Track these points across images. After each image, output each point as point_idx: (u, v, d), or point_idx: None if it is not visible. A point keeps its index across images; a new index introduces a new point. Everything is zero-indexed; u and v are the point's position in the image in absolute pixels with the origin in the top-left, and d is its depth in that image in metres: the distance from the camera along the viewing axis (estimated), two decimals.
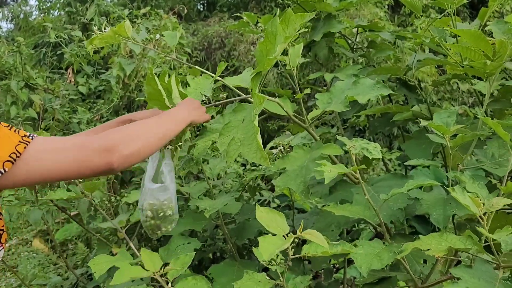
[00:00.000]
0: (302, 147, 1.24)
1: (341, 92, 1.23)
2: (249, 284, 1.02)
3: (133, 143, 0.87)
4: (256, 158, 1.01)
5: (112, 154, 0.83)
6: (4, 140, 0.76)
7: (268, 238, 0.88)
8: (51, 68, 3.26)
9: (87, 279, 2.68)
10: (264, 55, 1.06)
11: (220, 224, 1.67)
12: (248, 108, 1.15)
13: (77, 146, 0.82)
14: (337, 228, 1.24)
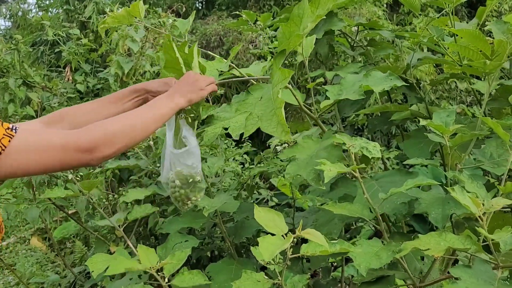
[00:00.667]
0: (311, 137, 1.25)
1: (351, 84, 1.25)
2: (247, 284, 1.02)
3: (114, 143, 0.89)
4: (277, 132, 1.02)
5: (93, 155, 0.86)
6: None
7: (268, 239, 0.87)
8: (49, 66, 3.24)
9: (85, 278, 2.67)
10: (287, 37, 1.08)
11: (218, 222, 1.67)
12: (265, 87, 1.16)
13: (60, 145, 0.84)
14: (340, 221, 1.24)
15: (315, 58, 1.91)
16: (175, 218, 1.62)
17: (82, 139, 0.85)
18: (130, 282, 1.48)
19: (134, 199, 1.69)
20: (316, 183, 1.11)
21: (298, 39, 1.07)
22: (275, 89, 1.06)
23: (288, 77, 1.02)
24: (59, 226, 3.53)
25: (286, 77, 1.02)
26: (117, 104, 1.15)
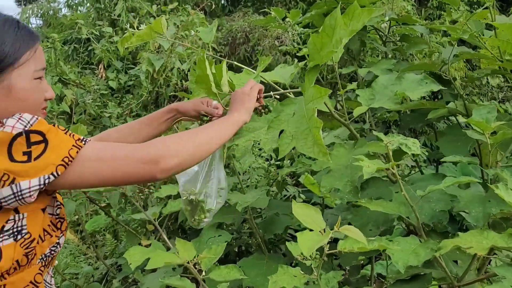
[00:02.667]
0: (343, 145, 1.24)
1: (383, 87, 1.22)
2: (283, 278, 1.03)
3: (178, 155, 0.89)
4: (314, 153, 0.99)
5: (157, 166, 0.86)
6: (61, 145, 0.80)
7: (307, 234, 0.88)
8: (83, 63, 3.33)
9: (116, 270, 2.74)
10: (319, 48, 1.06)
11: (249, 218, 1.69)
12: (297, 102, 1.14)
13: (124, 157, 0.85)
14: (375, 227, 1.23)
15: (346, 54, 1.89)
16: None
17: (147, 151, 0.86)
18: (165, 274, 1.52)
19: (167, 194, 1.73)
20: (353, 196, 1.10)
21: (330, 54, 1.04)
22: (309, 106, 1.03)
23: (324, 95, 1.00)
24: (90, 219, 3.63)
25: (322, 96, 1.00)
26: (152, 125, 1.22)
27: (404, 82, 1.19)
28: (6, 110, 0.85)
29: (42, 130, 0.79)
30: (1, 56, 0.83)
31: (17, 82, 0.86)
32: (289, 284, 1.00)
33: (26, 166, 0.76)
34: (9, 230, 0.80)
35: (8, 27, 0.86)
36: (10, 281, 0.82)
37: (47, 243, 0.87)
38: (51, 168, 0.78)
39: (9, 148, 0.76)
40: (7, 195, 0.77)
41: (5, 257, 0.79)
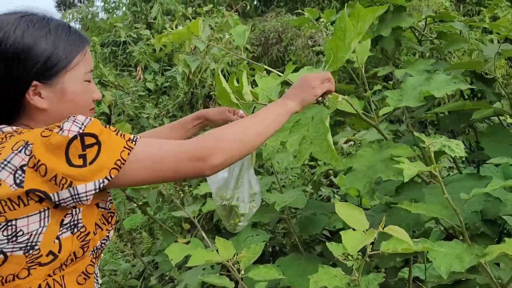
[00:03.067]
0: (371, 146, 1.24)
1: (412, 88, 1.22)
2: (324, 278, 1.03)
3: (225, 150, 0.90)
4: (327, 158, 1.01)
5: (205, 163, 0.87)
6: (113, 146, 0.83)
7: (351, 233, 0.88)
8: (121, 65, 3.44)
9: (153, 267, 2.81)
10: (334, 52, 1.07)
11: (286, 218, 1.69)
12: (317, 107, 1.14)
13: (173, 155, 0.87)
14: (407, 229, 1.21)
15: (380, 54, 1.86)
16: None
17: (196, 148, 0.88)
18: (203, 272, 1.54)
19: (207, 192, 1.75)
20: (370, 197, 1.10)
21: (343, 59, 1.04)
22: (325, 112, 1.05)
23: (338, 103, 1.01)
24: (126, 217, 3.73)
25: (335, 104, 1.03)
26: (180, 132, 1.25)
27: (432, 83, 1.18)
28: (60, 113, 0.90)
29: (95, 132, 0.82)
30: (54, 60, 0.87)
31: (69, 85, 0.90)
32: (331, 284, 1.00)
33: (82, 170, 0.80)
34: (67, 224, 0.84)
35: (60, 31, 0.89)
36: (67, 272, 0.86)
37: (99, 236, 0.90)
38: (105, 172, 0.81)
39: (66, 152, 0.79)
40: (66, 197, 0.80)
41: (64, 249, 0.83)
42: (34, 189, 0.79)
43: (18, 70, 0.85)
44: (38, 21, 0.88)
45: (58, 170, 0.78)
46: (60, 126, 0.81)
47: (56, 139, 0.79)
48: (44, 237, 0.82)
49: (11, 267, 0.82)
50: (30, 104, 0.88)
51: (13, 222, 0.81)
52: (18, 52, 0.84)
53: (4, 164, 0.80)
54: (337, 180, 2.33)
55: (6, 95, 0.87)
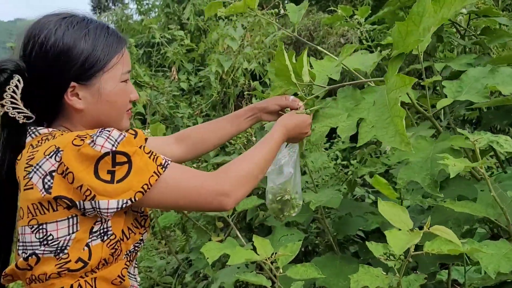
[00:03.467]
0: (425, 138, 1.19)
1: (474, 80, 1.16)
2: (365, 278, 1.01)
3: (245, 185, 0.95)
4: (395, 143, 0.97)
5: (228, 199, 0.91)
6: (144, 169, 0.83)
7: (396, 233, 0.86)
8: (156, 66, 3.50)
9: (187, 264, 2.84)
10: (403, 36, 1.04)
11: (321, 217, 1.67)
12: (378, 91, 1.12)
13: (199, 188, 0.89)
14: (455, 225, 1.17)
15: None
16: None
17: (219, 184, 0.90)
18: (238, 271, 1.55)
19: None
20: (432, 190, 1.06)
21: (416, 43, 1.01)
22: (391, 96, 1.01)
23: (409, 84, 0.97)
24: (160, 215, 3.80)
25: (406, 85, 0.97)
26: (233, 123, 1.25)
27: (498, 75, 1.12)
28: (96, 113, 0.91)
29: (128, 152, 0.81)
30: (93, 61, 0.88)
31: (106, 85, 0.90)
32: (372, 284, 0.98)
33: (107, 186, 0.80)
34: (97, 231, 0.84)
35: (99, 32, 0.90)
36: (99, 275, 0.86)
37: (131, 241, 0.90)
38: (130, 194, 0.81)
39: (96, 165, 0.79)
40: (88, 208, 0.81)
41: (94, 256, 0.84)
42: (61, 195, 0.79)
43: (57, 71, 0.86)
44: (78, 22, 0.89)
45: (84, 180, 0.79)
46: (93, 138, 0.81)
47: (87, 150, 0.79)
48: (73, 244, 0.82)
49: (43, 268, 0.83)
50: (68, 105, 0.89)
51: (43, 226, 0.82)
52: (58, 53, 0.85)
53: (36, 169, 0.81)
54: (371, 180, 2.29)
55: (45, 95, 0.88)
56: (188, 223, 3.21)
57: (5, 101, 0.84)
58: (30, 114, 0.87)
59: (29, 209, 0.82)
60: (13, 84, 0.84)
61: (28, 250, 0.83)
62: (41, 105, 0.89)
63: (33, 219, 0.82)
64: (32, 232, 0.83)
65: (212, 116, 2.91)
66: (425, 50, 1.80)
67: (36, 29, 0.87)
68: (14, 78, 0.84)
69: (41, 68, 0.86)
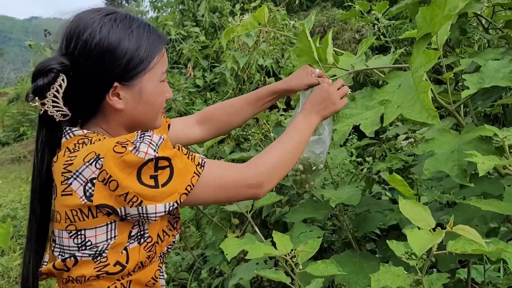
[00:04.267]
0: (449, 131, 1.18)
1: (495, 71, 1.16)
2: (386, 277, 0.99)
3: (276, 175, 0.98)
4: (423, 117, 1.00)
5: (260, 190, 0.95)
6: (184, 171, 0.84)
7: (417, 233, 0.84)
8: (171, 63, 3.51)
9: (202, 261, 2.86)
10: (428, 21, 1.05)
11: (340, 214, 1.66)
12: (403, 75, 1.15)
13: (235, 182, 0.92)
14: (482, 222, 1.15)
15: (445, 45, 1.78)
16: (297, 208, 1.65)
17: (253, 176, 0.94)
18: (257, 266, 1.55)
19: None
20: (461, 180, 1.04)
21: (445, 20, 1.02)
22: (417, 74, 1.04)
23: (434, 59, 0.99)
24: None
25: (432, 60, 0.99)
26: (255, 105, 1.25)
27: None
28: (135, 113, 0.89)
29: (169, 155, 0.82)
30: (137, 62, 0.85)
31: (147, 86, 0.88)
32: (394, 283, 0.96)
33: (154, 191, 0.80)
34: (134, 235, 0.84)
35: (142, 31, 0.87)
36: (134, 278, 0.87)
37: (165, 243, 0.91)
38: (175, 197, 0.82)
39: (139, 171, 0.79)
40: (133, 214, 0.81)
41: (131, 260, 0.84)
42: (102, 204, 0.79)
43: (101, 71, 0.84)
44: (121, 20, 0.86)
45: (130, 188, 0.78)
46: (135, 144, 0.80)
47: (130, 158, 0.78)
48: (112, 248, 0.83)
49: (81, 270, 0.83)
50: (108, 105, 0.87)
51: (82, 232, 0.81)
52: (103, 52, 0.83)
53: (76, 175, 0.80)
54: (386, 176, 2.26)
55: (87, 94, 0.86)
56: (202, 219, 3.22)
57: (47, 100, 0.83)
58: (67, 112, 0.85)
59: (67, 214, 0.82)
60: (57, 84, 0.83)
61: (66, 253, 0.84)
62: (80, 104, 0.87)
63: (71, 225, 0.82)
64: (70, 237, 0.83)
65: None
66: (449, 43, 1.77)
67: (80, 26, 0.84)
68: (59, 78, 0.83)
69: (85, 67, 0.84)
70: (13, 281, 3.25)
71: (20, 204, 5.06)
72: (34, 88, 0.83)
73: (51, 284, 2.87)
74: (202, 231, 3.31)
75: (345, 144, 3.72)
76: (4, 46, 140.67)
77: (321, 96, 1.14)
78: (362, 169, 2.73)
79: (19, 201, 5.22)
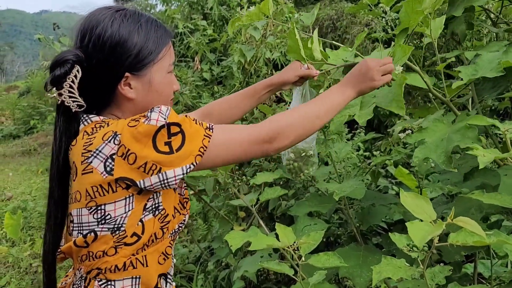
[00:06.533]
0: (442, 121, 1.19)
1: (488, 62, 1.17)
2: (388, 269, 1.00)
3: (292, 133, 0.97)
4: (392, 107, 1.06)
5: (272, 145, 0.95)
6: (195, 135, 0.87)
7: (417, 224, 0.85)
8: (179, 56, 3.52)
9: (208, 253, 2.88)
10: (409, 15, 1.10)
11: (344, 208, 1.67)
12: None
13: (247, 140, 0.94)
14: (478, 211, 1.16)
15: (451, 39, 1.77)
16: (302, 202, 1.66)
17: (264, 132, 0.95)
18: (261, 259, 1.56)
19: (263, 181, 1.77)
20: (447, 166, 1.06)
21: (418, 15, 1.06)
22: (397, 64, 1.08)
23: (408, 53, 1.02)
24: None
25: (406, 54, 1.03)
26: (253, 98, 1.28)
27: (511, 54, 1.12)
28: (145, 103, 0.95)
29: (179, 121, 0.86)
30: (145, 53, 0.92)
31: (156, 76, 0.95)
32: (395, 275, 0.97)
33: (170, 157, 0.84)
34: (149, 207, 0.89)
35: (150, 25, 0.94)
36: (149, 252, 0.92)
37: (177, 220, 0.96)
38: (191, 159, 0.86)
39: (154, 140, 0.84)
40: (155, 182, 0.85)
41: (147, 231, 0.89)
42: (122, 177, 0.84)
43: (113, 62, 0.90)
44: (131, 15, 0.93)
45: (148, 157, 0.83)
46: (146, 115, 0.85)
47: (143, 128, 0.83)
48: (129, 220, 0.87)
49: (100, 245, 0.88)
50: (120, 94, 0.93)
51: (102, 206, 0.87)
52: (115, 45, 0.90)
53: (96, 153, 0.85)
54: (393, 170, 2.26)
55: (100, 85, 0.93)
56: (209, 212, 3.24)
57: (64, 90, 0.89)
58: (82, 103, 0.91)
59: (87, 191, 0.87)
60: (73, 74, 0.89)
61: (85, 230, 0.89)
62: (94, 94, 0.93)
63: (92, 201, 0.87)
64: (90, 213, 0.88)
65: None
66: (455, 38, 1.76)
67: (93, 22, 0.91)
68: (74, 68, 0.89)
69: (98, 59, 0.90)
70: (23, 271, 3.30)
71: (30, 196, 5.13)
72: (52, 78, 0.89)
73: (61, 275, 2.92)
74: (209, 224, 3.33)
75: (352, 138, 3.71)
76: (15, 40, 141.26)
77: (360, 69, 1.10)
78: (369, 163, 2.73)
79: (29, 193, 5.29)
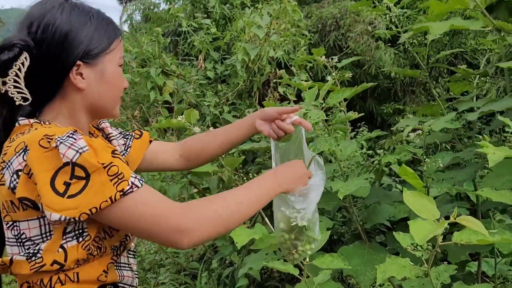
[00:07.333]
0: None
1: None
2: (393, 268, 1.01)
3: (209, 227, 0.83)
4: None
5: (183, 237, 0.80)
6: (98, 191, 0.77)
7: (419, 222, 0.85)
8: (182, 55, 3.52)
9: (212, 251, 2.89)
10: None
11: (349, 206, 1.67)
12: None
13: (156, 220, 0.80)
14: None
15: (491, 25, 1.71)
16: None
17: (178, 220, 0.80)
18: (265, 257, 1.57)
19: None
20: None
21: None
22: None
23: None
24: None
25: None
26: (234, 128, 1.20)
27: None
28: (96, 94, 0.92)
29: (89, 167, 0.76)
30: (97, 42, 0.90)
31: (108, 66, 0.93)
32: (399, 274, 0.97)
33: (56, 198, 0.75)
34: (71, 232, 0.81)
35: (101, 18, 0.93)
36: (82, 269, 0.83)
37: (117, 237, 0.88)
38: (74, 213, 0.76)
39: (56, 172, 0.76)
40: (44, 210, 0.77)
41: (70, 258, 0.81)
42: (23, 197, 0.77)
43: (65, 49, 0.86)
44: (80, 6, 0.91)
45: (39, 185, 0.75)
46: (57, 142, 0.77)
47: (51, 155, 0.76)
48: (47, 246, 0.80)
49: (18, 270, 0.82)
50: (69, 85, 0.89)
51: (17, 223, 0.81)
52: (66, 32, 0.86)
53: (8, 165, 0.80)
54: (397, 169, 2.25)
55: (49, 74, 0.87)
56: None
57: (9, 78, 0.83)
58: (27, 96, 0.85)
59: (3, 205, 0.82)
60: (20, 61, 0.83)
61: (7, 246, 0.84)
62: (42, 85, 0.88)
63: (7, 216, 0.82)
64: (8, 229, 0.83)
65: (238, 104, 2.92)
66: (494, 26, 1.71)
67: (41, 10, 0.87)
68: (22, 55, 0.83)
69: (48, 46, 0.85)
70: None
71: None
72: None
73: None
74: None
75: (356, 136, 3.70)
76: None
77: (298, 172, 1.04)
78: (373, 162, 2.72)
79: None
